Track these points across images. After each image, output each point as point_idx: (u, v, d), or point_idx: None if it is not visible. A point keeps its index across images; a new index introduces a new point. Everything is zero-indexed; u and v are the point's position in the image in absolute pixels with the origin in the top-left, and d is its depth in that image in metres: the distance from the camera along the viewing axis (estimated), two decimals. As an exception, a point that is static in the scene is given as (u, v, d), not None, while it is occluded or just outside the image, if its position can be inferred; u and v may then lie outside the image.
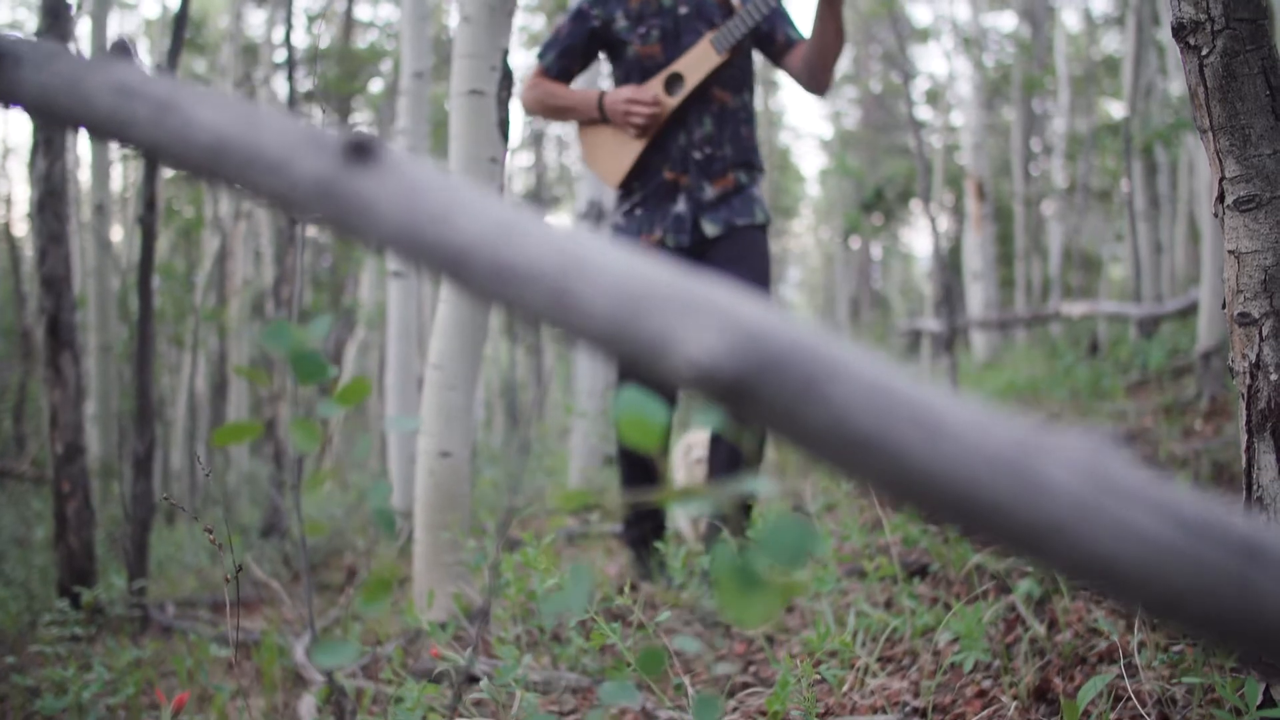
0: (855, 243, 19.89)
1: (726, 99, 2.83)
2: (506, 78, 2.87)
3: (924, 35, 17.74)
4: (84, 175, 9.79)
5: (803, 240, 26.04)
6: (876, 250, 22.04)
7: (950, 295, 5.92)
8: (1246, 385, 1.25)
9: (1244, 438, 1.27)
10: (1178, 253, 8.25)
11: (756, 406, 0.46)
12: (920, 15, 21.48)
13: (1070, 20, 15.50)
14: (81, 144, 8.41)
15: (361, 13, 15.30)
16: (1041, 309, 7.57)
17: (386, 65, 13.88)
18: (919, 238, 24.36)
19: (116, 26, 12.94)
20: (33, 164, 3.66)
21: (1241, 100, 1.23)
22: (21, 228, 11.44)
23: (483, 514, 4.80)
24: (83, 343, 6.08)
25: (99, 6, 7.38)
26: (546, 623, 2.08)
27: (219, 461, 7.67)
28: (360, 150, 0.54)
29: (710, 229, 2.81)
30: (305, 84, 12.82)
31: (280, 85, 11.50)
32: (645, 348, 0.48)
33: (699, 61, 2.76)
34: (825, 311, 20.55)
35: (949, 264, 8.93)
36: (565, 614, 1.99)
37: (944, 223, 15.15)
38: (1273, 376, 1.22)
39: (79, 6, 9.66)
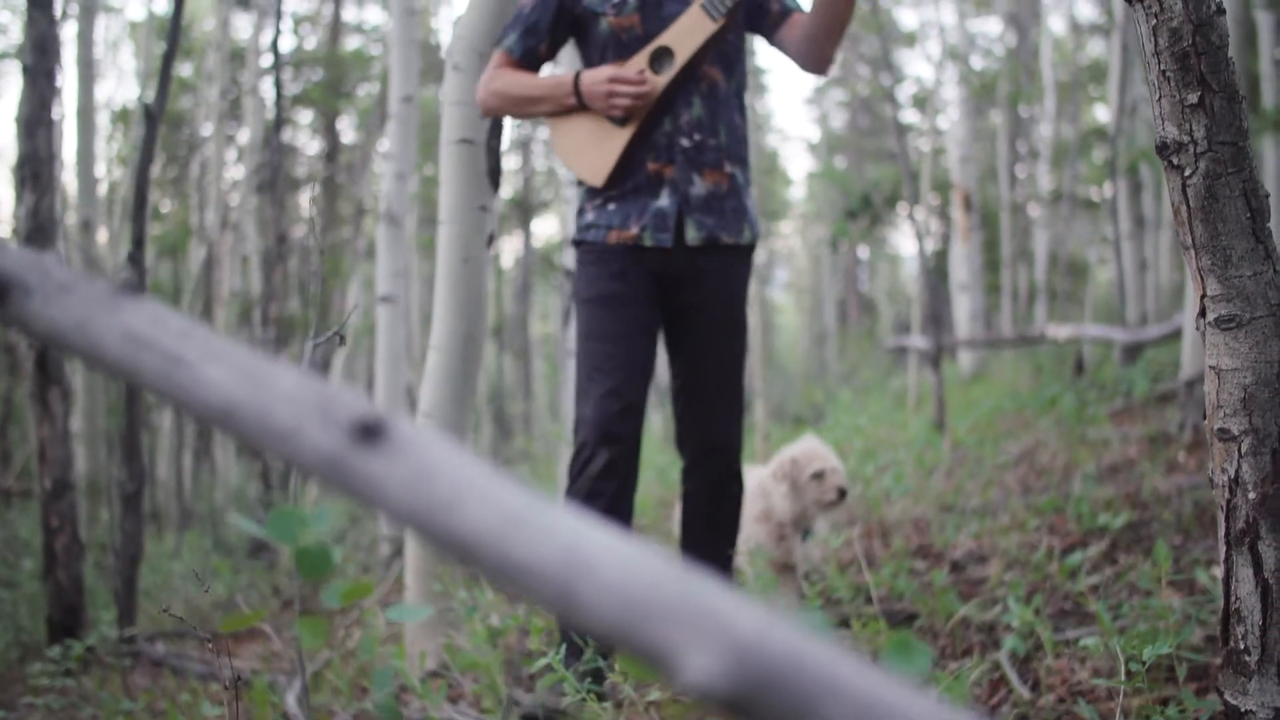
0: (842, 244, 19.94)
1: (718, 77, 2.42)
2: (496, 125, 2.88)
3: (910, 39, 17.80)
4: (70, 180, 9.74)
5: (790, 242, 26.10)
6: (864, 252, 22.11)
7: (937, 315, 5.96)
8: (1225, 499, 1.28)
9: (1223, 549, 1.30)
10: (1162, 266, 8.33)
11: (755, 718, 0.48)
12: (906, 19, 21.53)
13: (1056, 26, 15.56)
14: (68, 159, 8.37)
15: (349, 15, 15.23)
16: (1027, 330, 7.64)
17: (374, 69, 13.83)
18: (906, 240, 24.43)
19: (102, 31, 12.85)
20: (20, 198, 3.65)
21: (1223, 221, 1.25)
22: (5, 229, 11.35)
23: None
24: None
25: (85, 14, 7.34)
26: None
27: (206, 476, 7.65)
28: (370, 430, 0.55)
29: (692, 234, 2.41)
30: (292, 88, 12.77)
31: (267, 90, 11.45)
32: (647, 655, 0.50)
33: (690, 31, 2.34)
34: (813, 314, 20.62)
35: (935, 269, 8.96)
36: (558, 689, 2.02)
37: (931, 225, 15.20)
38: (1251, 495, 1.25)
39: (64, 13, 9.60)
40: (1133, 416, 4.86)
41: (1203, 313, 1.30)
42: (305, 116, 14.83)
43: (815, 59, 2.39)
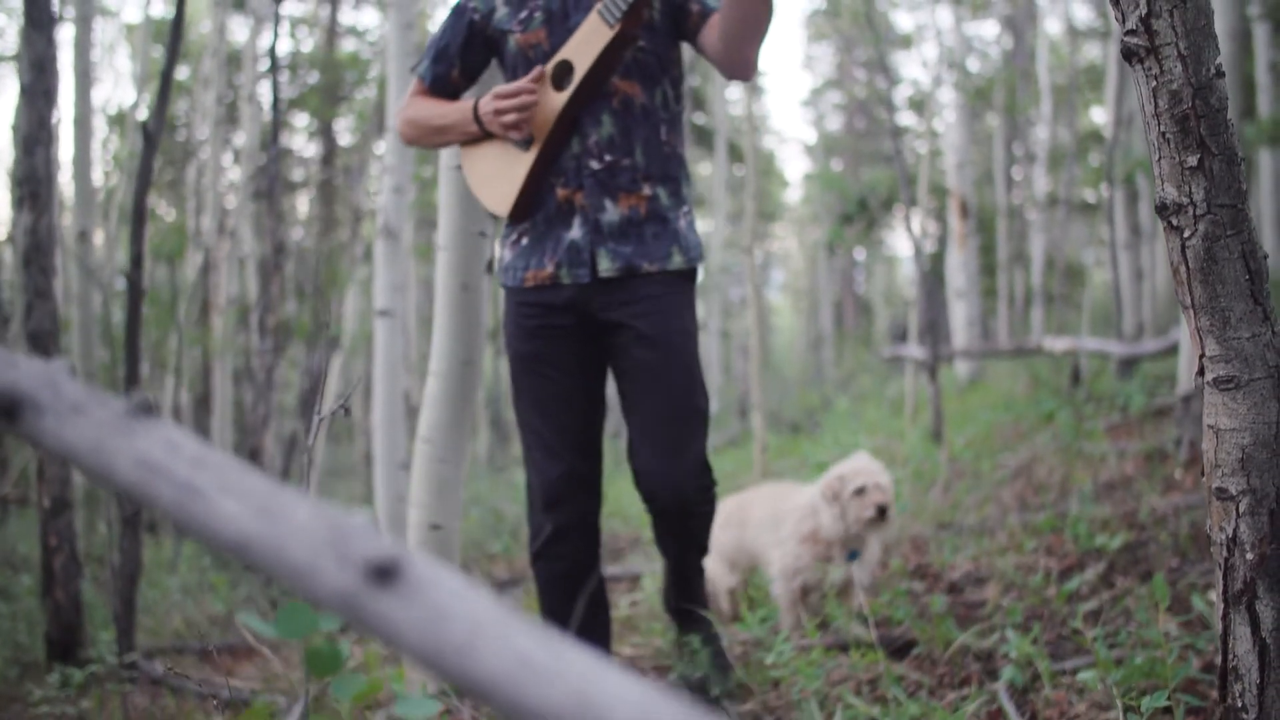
0: (838, 246, 19.97)
1: (634, 92, 2.22)
2: (496, 150, 2.88)
3: (907, 41, 17.81)
4: (66, 180, 9.71)
5: (787, 244, 26.11)
6: (860, 253, 22.14)
7: (934, 323, 5.98)
8: (1224, 558, 1.29)
9: (1220, 607, 1.31)
10: (1159, 275, 8.34)
11: None
12: (903, 22, 21.56)
13: (1053, 29, 15.58)
14: (63, 161, 8.35)
15: (345, 18, 15.22)
16: (1024, 341, 7.67)
17: (371, 71, 13.82)
18: (902, 241, 24.47)
19: (99, 34, 12.82)
20: (17, 216, 3.65)
21: (1222, 283, 1.26)
22: (1, 231, 11.32)
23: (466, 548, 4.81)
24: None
25: (82, 23, 7.32)
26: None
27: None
28: (384, 571, 0.56)
29: (605, 265, 2.19)
30: (289, 92, 12.76)
31: (264, 94, 11.43)
32: (659, 807, 0.50)
33: (588, 40, 2.13)
34: (809, 316, 20.64)
35: (931, 272, 8.97)
36: None
37: (928, 228, 15.21)
38: (1249, 555, 1.26)
39: (60, 15, 9.58)
40: (1129, 431, 4.88)
41: (1201, 372, 1.31)
42: (302, 120, 14.82)
43: (735, 62, 2.16)
